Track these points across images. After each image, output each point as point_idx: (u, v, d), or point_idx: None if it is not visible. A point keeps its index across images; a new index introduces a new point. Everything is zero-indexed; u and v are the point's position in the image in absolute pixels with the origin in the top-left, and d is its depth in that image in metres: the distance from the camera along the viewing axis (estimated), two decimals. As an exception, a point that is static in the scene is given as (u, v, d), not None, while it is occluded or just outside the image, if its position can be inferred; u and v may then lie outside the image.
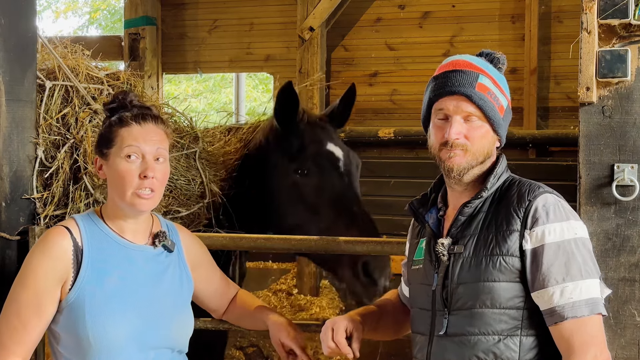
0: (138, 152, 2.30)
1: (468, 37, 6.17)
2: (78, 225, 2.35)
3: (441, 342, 2.19)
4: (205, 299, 2.68)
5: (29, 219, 3.22)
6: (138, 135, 2.32)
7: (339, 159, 3.49)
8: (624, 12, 2.45)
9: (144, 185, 2.29)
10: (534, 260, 2.11)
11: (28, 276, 2.30)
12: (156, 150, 2.32)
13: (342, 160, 3.50)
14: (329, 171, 3.45)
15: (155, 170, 2.31)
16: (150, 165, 2.30)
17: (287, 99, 3.43)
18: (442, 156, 2.22)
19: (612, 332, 2.48)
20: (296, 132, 3.49)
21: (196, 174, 3.58)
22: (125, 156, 2.30)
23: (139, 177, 2.29)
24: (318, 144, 3.50)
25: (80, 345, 2.27)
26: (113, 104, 2.40)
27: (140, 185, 2.29)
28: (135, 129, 2.32)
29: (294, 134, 3.49)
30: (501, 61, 2.31)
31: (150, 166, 2.30)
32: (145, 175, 2.28)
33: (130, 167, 2.30)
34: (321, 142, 3.51)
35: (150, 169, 2.29)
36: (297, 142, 3.48)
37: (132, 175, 2.29)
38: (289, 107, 3.46)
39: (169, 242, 2.45)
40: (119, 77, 3.66)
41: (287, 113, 3.47)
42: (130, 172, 2.29)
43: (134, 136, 2.31)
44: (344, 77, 6.54)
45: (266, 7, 6.70)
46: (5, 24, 3.08)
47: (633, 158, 2.50)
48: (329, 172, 3.45)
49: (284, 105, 3.45)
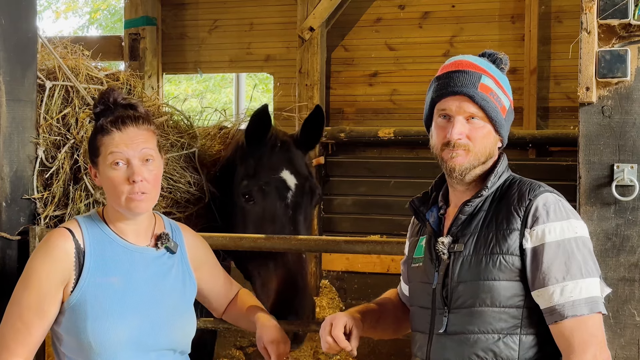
0: (123, 158, 2.29)
1: (468, 37, 6.17)
2: (80, 227, 2.35)
3: (441, 341, 2.19)
4: (208, 299, 2.68)
5: (30, 219, 3.22)
6: (119, 141, 2.30)
7: (288, 188, 3.39)
8: (624, 12, 2.46)
9: (134, 190, 2.28)
10: (534, 259, 2.11)
11: (30, 278, 2.30)
12: (141, 151, 2.30)
13: (291, 190, 3.40)
14: (272, 201, 3.36)
15: (144, 172, 2.29)
16: (137, 170, 2.28)
17: (260, 121, 3.40)
18: (444, 156, 2.22)
19: (611, 332, 2.48)
20: (258, 155, 3.45)
21: (194, 173, 3.59)
22: (112, 164, 2.29)
23: (127, 183, 2.28)
24: (270, 171, 3.41)
25: (81, 347, 2.28)
26: (98, 107, 2.39)
27: (131, 190, 2.28)
28: (116, 135, 2.30)
29: (255, 156, 3.45)
30: (504, 62, 2.31)
31: (137, 171, 2.28)
32: (134, 180, 2.27)
33: (117, 174, 2.29)
34: (275, 169, 3.42)
35: (137, 173, 2.28)
36: (254, 165, 3.43)
37: (121, 183, 2.28)
38: (260, 130, 3.43)
39: (171, 244, 2.44)
40: (118, 77, 3.67)
41: (257, 134, 3.43)
42: (119, 179, 2.29)
43: (116, 143, 2.30)
44: (344, 77, 6.54)
45: (266, 7, 6.70)
46: (6, 24, 3.09)
47: (633, 158, 2.51)
48: (272, 203, 3.36)
49: (256, 127, 3.42)
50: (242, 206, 3.41)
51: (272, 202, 3.37)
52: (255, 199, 3.38)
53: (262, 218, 3.37)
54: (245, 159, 3.48)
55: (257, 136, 3.44)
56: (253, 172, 3.42)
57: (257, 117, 3.40)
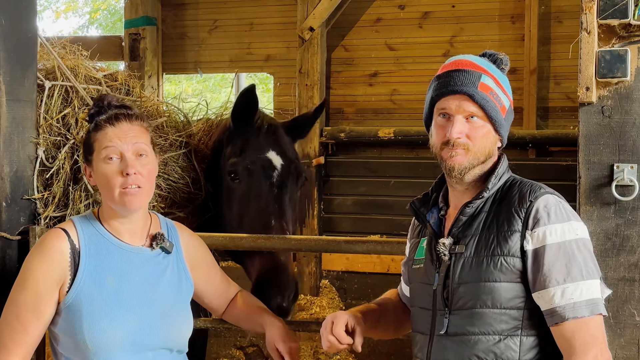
0: (116, 152, 2.32)
1: (468, 37, 6.16)
2: (75, 227, 2.36)
3: (441, 342, 2.19)
4: (205, 299, 2.68)
5: (30, 219, 3.22)
6: (113, 135, 2.33)
7: (274, 168, 3.40)
8: (624, 12, 2.46)
9: (128, 183, 2.30)
10: (535, 260, 2.11)
11: (26, 278, 2.31)
12: (133, 145, 2.33)
13: (277, 170, 3.40)
14: (257, 180, 3.36)
15: (138, 166, 2.31)
16: (130, 162, 2.31)
17: (247, 101, 3.40)
18: (443, 155, 2.22)
19: (611, 332, 2.48)
20: (244, 135, 3.45)
21: (192, 171, 3.59)
22: (105, 158, 2.32)
23: (121, 175, 2.30)
24: (256, 150, 3.41)
25: (78, 347, 2.29)
26: (92, 110, 2.42)
27: (125, 183, 2.30)
28: (110, 130, 2.34)
29: (242, 136, 3.45)
30: (504, 62, 2.31)
31: (130, 163, 2.30)
32: (127, 172, 2.29)
33: (111, 168, 2.31)
34: (261, 149, 3.42)
35: (130, 166, 2.30)
36: (240, 145, 3.43)
37: (114, 176, 2.30)
38: (247, 110, 3.43)
39: (166, 244, 2.45)
40: (116, 78, 3.67)
41: (244, 115, 3.43)
42: (112, 172, 2.31)
43: (109, 137, 2.33)
44: (344, 77, 6.53)
45: (266, 7, 6.69)
46: (6, 24, 3.09)
47: (633, 158, 2.51)
48: (257, 182, 3.36)
49: (243, 106, 3.42)
50: (228, 185, 3.41)
51: (257, 180, 3.36)
52: (240, 177, 3.37)
53: (247, 196, 3.36)
54: (232, 139, 3.48)
55: (244, 117, 3.43)
56: (239, 151, 3.41)
57: (244, 97, 3.39)
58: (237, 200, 3.39)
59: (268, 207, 3.32)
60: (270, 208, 3.32)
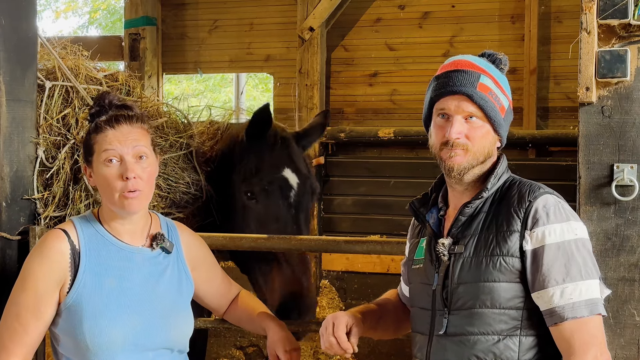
0: (116, 155, 2.31)
1: (468, 37, 6.16)
2: (75, 227, 2.36)
3: (441, 342, 2.20)
4: (206, 299, 2.68)
5: (30, 219, 3.22)
6: (113, 138, 2.32)
7: (291, 187, 3.42)
8: (624, 12, 2.46)
9: (127, 187, 2.29)
10: (534, 261, 2.11)
11: (27, 279, 2.31)
12: (134, 148, 2.32)
13: (294, 189, 3.42)
14: (275, 200, 3.38)
15: (137, 170, 2.30)
16: (130, 166, 2.29)
17: (261, 120, 3.42)
18: (442, 156, 2.22)
19: (611, 332, 2.48)
20: (259, 151, 3.46)
21: (192, 172, 3.58)
22: (105, 161, 2.31)
23: (121, 179, 2.29)
24: (273, 169, 3.43)
25: (78, 347, 2.29)
26: (93, 109, 2.41)
27: (124, 187, 2.29)
28: (110, 133, 2.32)
29: (256, 153, 3.46)
30: (503, 62, 2.31)
31: (130, 167, 2.29)
32: (127, 176, 2.28)
33: (111, 171, 2.30)
34: (277, 167, 3.44)
35: (130, 170, 2.29)
36: (255, 162, 3.44)
37: (114, 179, 2.30)
38: (261, 127, 3.45)
39: (167, 244, 2.45)
40: (117, 78, 3.67)
41: (258, 132, 3.46)
42: (112, 176, 2.30)
43: (109, 140, 2.32)
44: (344, 77, 6.53)
45: (266, 7, 6.69)
46: (6, 24, 3.09)
47: (632, 158, 2.51)
48: (276, 202, 3.38)
49: (257, 125, 3.44)
50: (244, 204, 3.41)
51: (275, 201, 3.38)
52: (258, 198, 3.38)
53: (265, 216, 3.37)
54: (245, 154, 3.49)
55: (258, 133, 3.45)
56: (254, 169, 3.43)
57: (259, 117, 3.41)
58: (254, 220, 3.40)
59: (287, 230, 3.33)
60: (289, 230, 3.34)
